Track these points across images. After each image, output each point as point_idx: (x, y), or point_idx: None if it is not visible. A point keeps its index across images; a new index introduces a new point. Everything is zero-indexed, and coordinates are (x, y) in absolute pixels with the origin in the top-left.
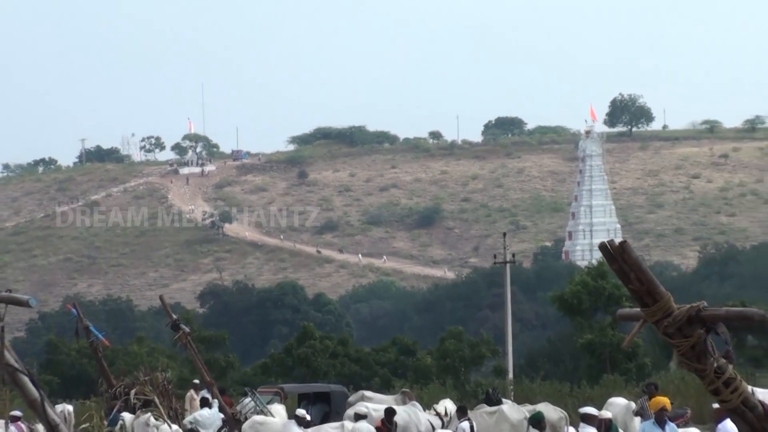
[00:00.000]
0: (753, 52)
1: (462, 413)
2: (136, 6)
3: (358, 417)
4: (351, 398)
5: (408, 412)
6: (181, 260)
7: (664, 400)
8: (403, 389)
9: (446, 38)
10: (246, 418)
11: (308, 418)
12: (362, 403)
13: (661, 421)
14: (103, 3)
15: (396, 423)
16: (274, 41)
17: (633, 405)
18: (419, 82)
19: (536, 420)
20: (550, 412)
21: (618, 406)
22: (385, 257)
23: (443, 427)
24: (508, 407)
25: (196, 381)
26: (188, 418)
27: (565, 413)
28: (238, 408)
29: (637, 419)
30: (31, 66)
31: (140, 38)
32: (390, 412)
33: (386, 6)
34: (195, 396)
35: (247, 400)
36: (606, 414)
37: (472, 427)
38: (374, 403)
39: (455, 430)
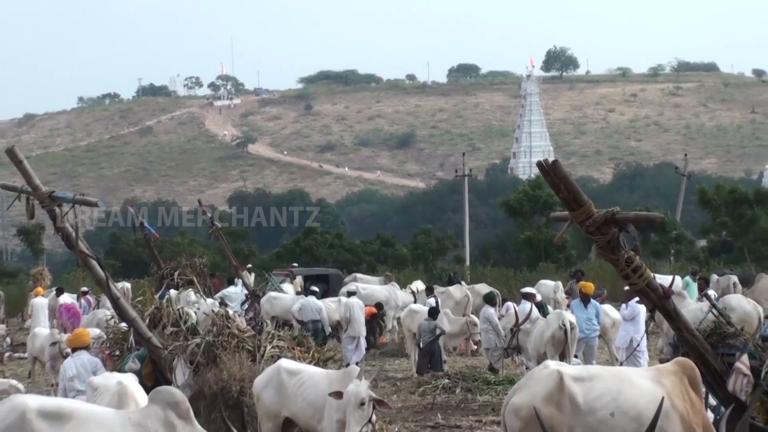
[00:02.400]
0: (656, 11)
1: (429, 291)
2: None
3: (350, 293)
4: (346, 279)
5: (389, 290)
6: (214, 172)
7: (588, 285)
8: (386, 273)
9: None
10: (263, 294)
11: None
12: (353, 283)
13: (586, 301)
14: None
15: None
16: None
17: (560, 285)
18: (399, 34)
19: (489, 297)
20: (485, 288)
21: (547, 286)
22: (382, 173)
23: (415, 301)
24: (454, 288)
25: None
26: (218, 294)
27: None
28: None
29: (563, 295)
30: (101, 17)
31: None
32: (379, 306)
33: None
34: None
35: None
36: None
37: (436, 302)
38: (363, 283)
39: (424, 303)
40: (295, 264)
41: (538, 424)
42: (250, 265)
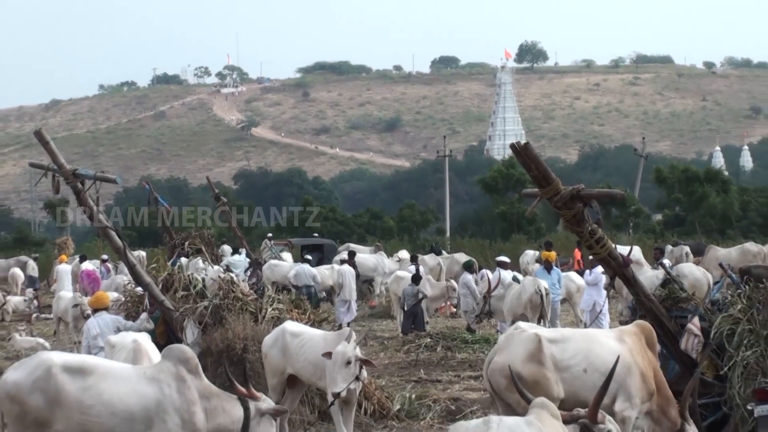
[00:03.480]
0: (618, 8)
1: (413, 260)
2: None
3: (342, 261)
4: (340, 248)
5: (377, 258)
6: (221, 152)
7: (551, 254)
8: (376, 243)
9: None
10: (265, 262)
11: (313, 260)
12: (350, 245)
13: (549, 268)
14: None
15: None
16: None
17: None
18: (387, 29)
19: (468, 265)
20: (464, 257)
21: (529, 255)
22: (371, 153)
23: (400, 268)
24: (429, 257)
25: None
26: (223, 262)
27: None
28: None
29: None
30: (122, 12)
31: None
32: (352, 254)
33: None
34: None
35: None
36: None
37: (417, 269)
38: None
39: (408, 269)
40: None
41: (523, 383)
42: (270, 234)
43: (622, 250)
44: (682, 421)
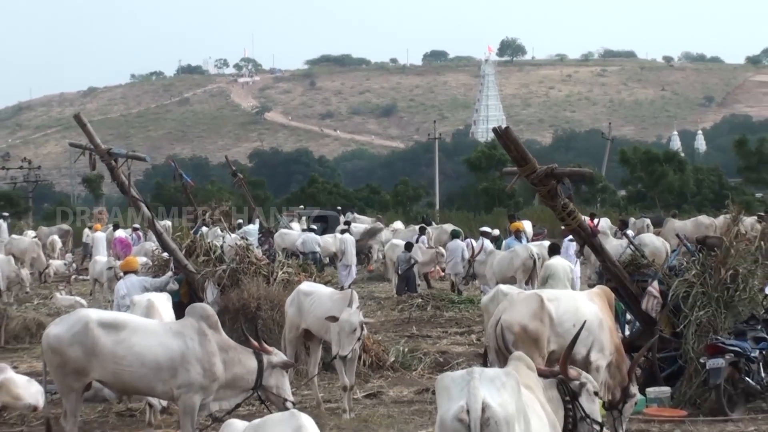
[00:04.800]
0: (588, 9)
1: (422, 231)
2: None
3: (343, 231)
4: (344, 219)
5: (374, 226)
6: (237, 134)
7: (520, 224)
8: (377, 215)
9: None
10: (276, 230)
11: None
12: (350, 214)
13: (519, 237)
14: None
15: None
16: None
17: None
18: (385, 26)
19: (456, 234)
20: (451, 227)
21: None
22: (371, 136)
23: (394, 237)
24: (404, 232)
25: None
26: (239, 231)
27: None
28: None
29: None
30: (153, 9)
31: None
32: (348, 223)
33: None
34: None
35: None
36: (495, 231)
37: (426, 238)
38: (355, 223)
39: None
40: (302, 206)
41: (527, 337)
42: (302, 206)
43: (588, 221)
44: (628, 381)
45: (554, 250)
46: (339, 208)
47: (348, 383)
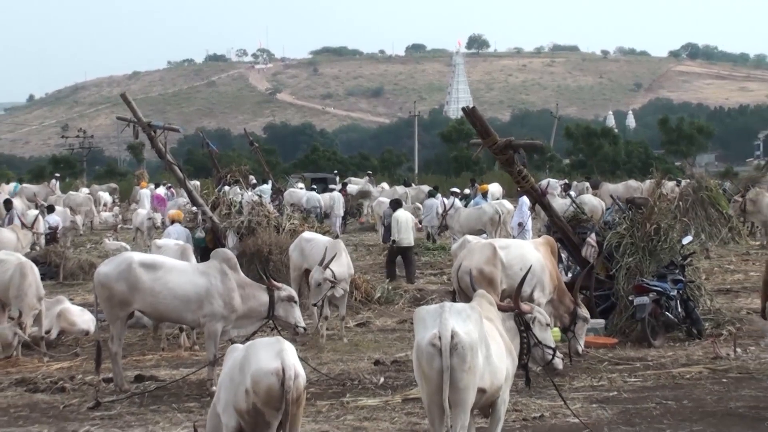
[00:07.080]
0: (540, 9)
1: (431, 194)
2: None
3: (332, 190)
4: (346, 179)
5: (365, 188)
6: (254, 111)
7: (485, 186)
8: (368, 172)
9: None
10: (285, 189)
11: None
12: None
13: (485, 196)
14: None
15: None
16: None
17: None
18: (375, 22)
19: (432, 193)
20: (427, 187)
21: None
22: (364, 113)
23: (381, 195)
24: (399, 188)
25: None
26: (255, 190)
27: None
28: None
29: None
30: (186, 6)
31: None
32: (345, 184)
33: None
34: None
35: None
36: (467, 191)
37: (436, 196)
38: (351, 184)
39: (421, 201)
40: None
41: (483, 279)
42: (341, 176)
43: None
44: (574, 306)
45: (398, 204)
46: (335, 171)
47: (328, 315)
